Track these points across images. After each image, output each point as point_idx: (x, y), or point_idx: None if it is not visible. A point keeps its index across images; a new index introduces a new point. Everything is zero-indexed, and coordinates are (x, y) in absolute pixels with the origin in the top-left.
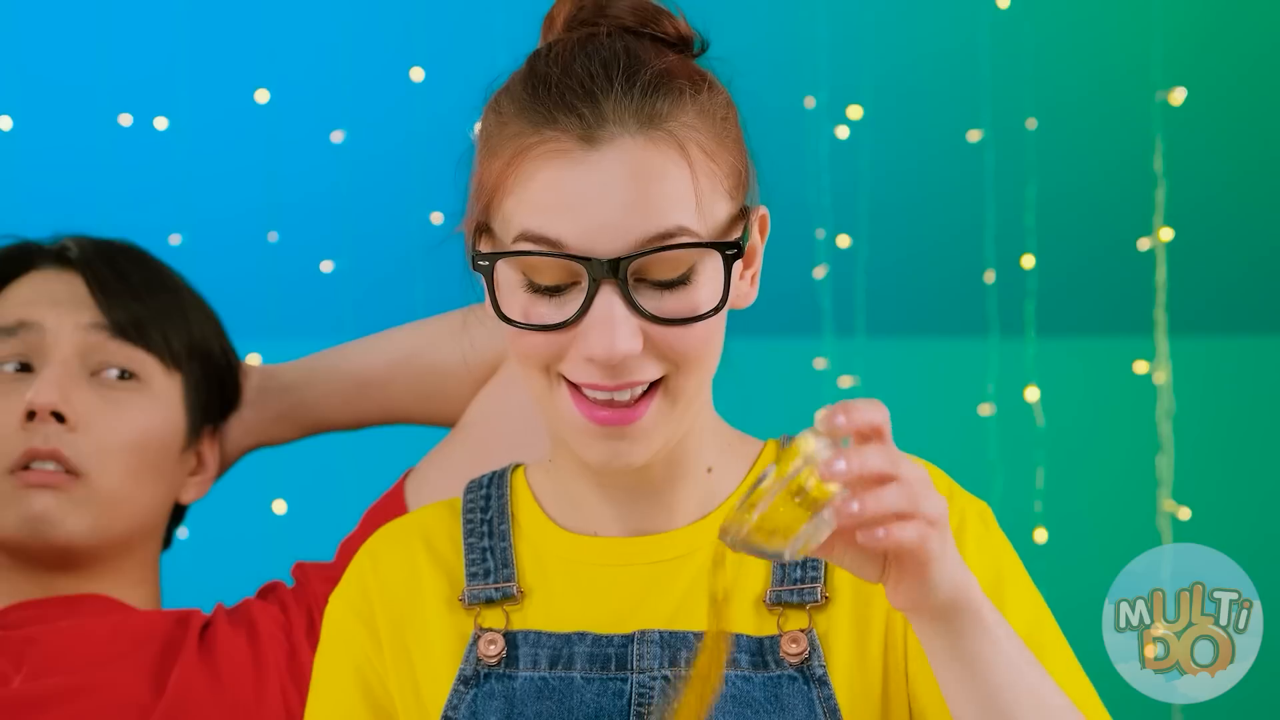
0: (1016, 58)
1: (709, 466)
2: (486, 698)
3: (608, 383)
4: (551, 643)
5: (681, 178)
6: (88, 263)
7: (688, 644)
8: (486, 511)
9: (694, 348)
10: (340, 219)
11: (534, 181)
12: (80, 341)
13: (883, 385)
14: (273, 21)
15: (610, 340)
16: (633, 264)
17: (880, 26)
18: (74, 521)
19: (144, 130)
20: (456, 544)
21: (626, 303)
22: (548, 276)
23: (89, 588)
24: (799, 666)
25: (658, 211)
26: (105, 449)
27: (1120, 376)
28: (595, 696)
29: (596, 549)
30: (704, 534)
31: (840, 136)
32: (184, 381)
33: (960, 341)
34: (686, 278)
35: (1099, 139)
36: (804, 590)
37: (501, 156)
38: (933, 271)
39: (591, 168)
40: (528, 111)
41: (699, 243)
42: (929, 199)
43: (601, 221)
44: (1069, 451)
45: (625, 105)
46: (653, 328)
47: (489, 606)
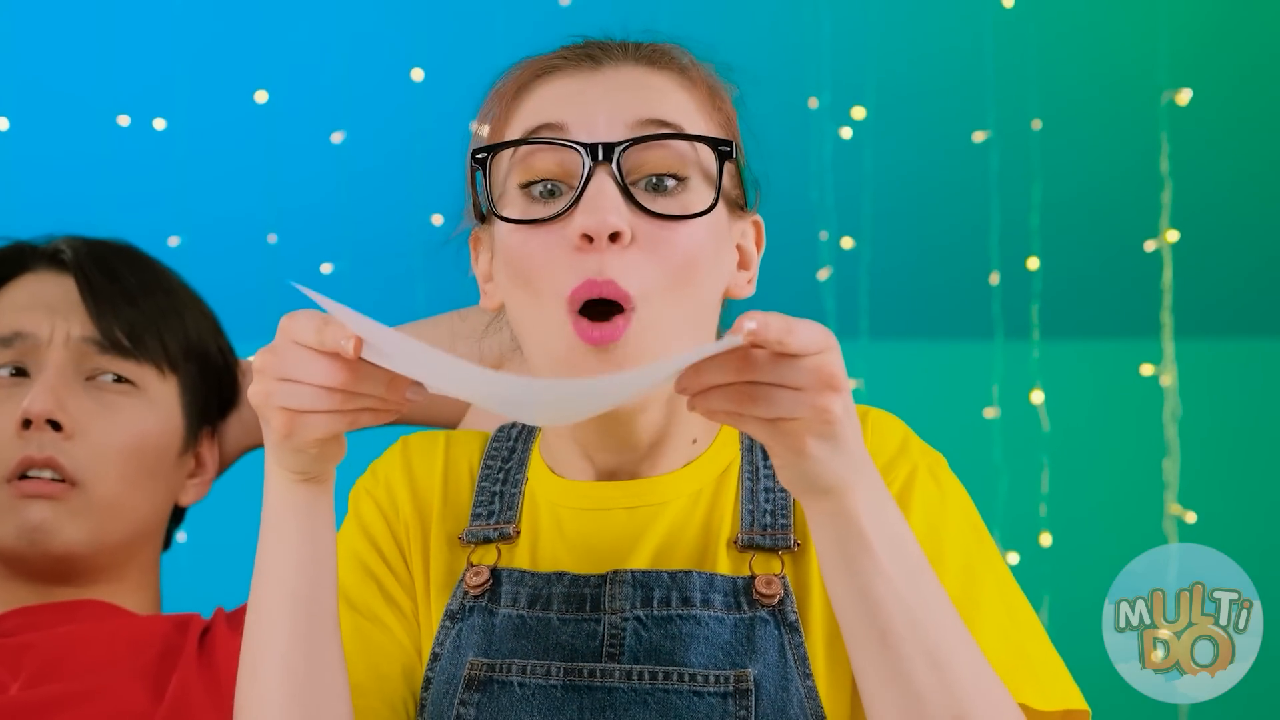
0: (1021, 58)
1: (694, 438)
2: (469, 632)
3: (596, 276)
4: (532, 582)
5: (680, 97)
6: (81, 266)
7: (660, 583)
8: (509, 461)
9: (682, 253)
10: (340, 221)
11: (535, 95)
12: (74, 353)
13: (887, 388)
14: (272, 22)
15: (602, 214)
16: (627, 157)
17: (884, 26)
18: (71, 531)
19: (142, 131)
20: (473, 479)
21: (619, 187)
22: (547, 168)
23: (88, 594)
24: (772, 609)
25: (654, 109)
26: (102, 455)
27: (1126, 379)
28: (570, 637)
29: (580, 493)
30: (682, 483)
31: (844, 137)
32: (180, 383)
33: (965, 344)
34: (680, 179)
35: (1105, 140)
36: (775, 535)
37: (505, 93)
38: (937, 274)
39: (594, 79)
40: (531, 59)
41: (692, 135)
42: (933, 200)
43: (599, 111)
44: (1074, 455)
45: (627, 49)
46: (642, 222)
47: (484, 544)
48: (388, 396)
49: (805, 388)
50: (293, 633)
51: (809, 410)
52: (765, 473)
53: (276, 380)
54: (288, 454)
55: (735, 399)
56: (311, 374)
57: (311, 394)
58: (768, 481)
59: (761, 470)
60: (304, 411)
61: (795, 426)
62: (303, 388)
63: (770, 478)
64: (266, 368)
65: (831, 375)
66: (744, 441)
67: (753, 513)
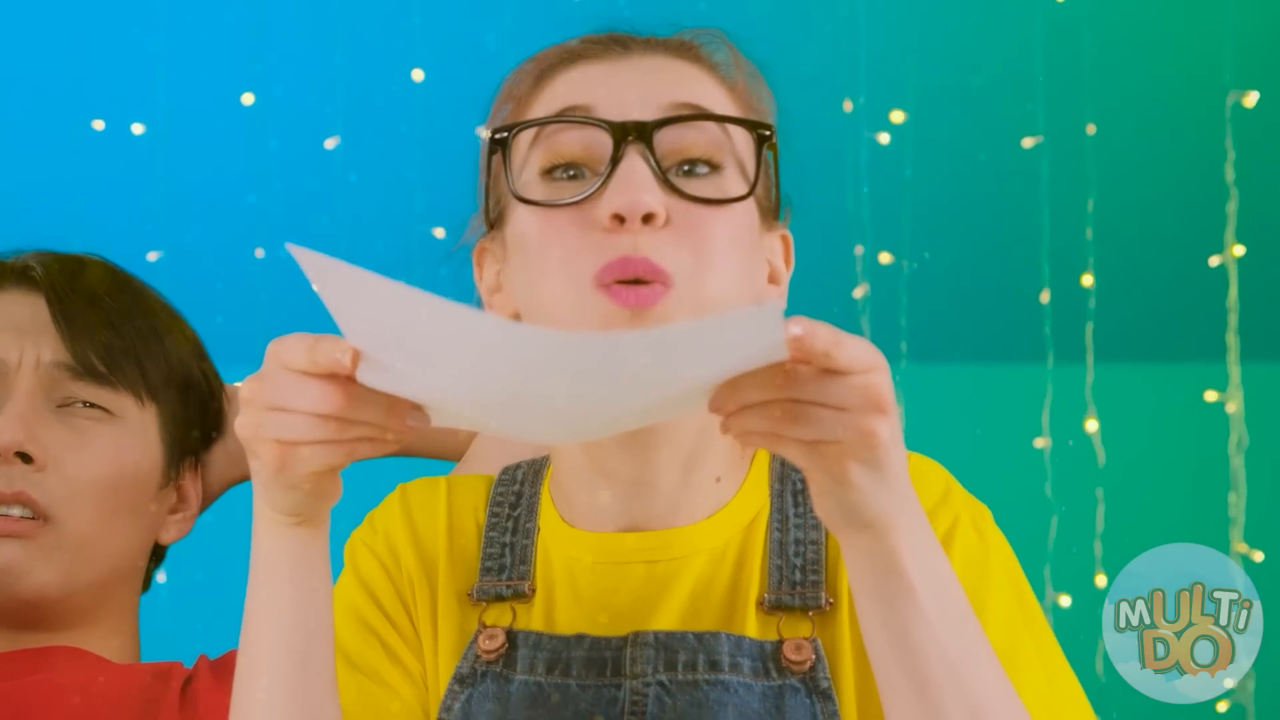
0: (1075, 56)
1: (718, 476)
2: (481, 699)
3: (630, 254)
4: (551, 645)
5: (714, 85)
6: (52, 284)
7: (686, 645)
8: (516, 507)
9: (717, 237)
10: (335, 234)
11: (560, 79)
12: (45, 379)
13: (928, 416)
14: (260, 17)
15: (635, 193)
16: (660, 139)
17: (926, 22)
18: (42, 572)
19: (119, 136)
20: (479, 528)
21: (652, 167)
22: (572, 151)
23: (60, 640)
24: (803, 677)
25: (688, 93)
26: (75, 489)
27: (1188, 406)
28: (589, 704)
29: (596, 546)
30: (705, 536)
31: (881, 143)
32: (161, 412)
33: (1013, 368)
34: (715, 166)
35: (1165, 146)
36: (805, 594)
37: (525, 79)
38: (982, 291)
39: (623, 64)
40: (554, 46)
41: (730, 117)
42: (978, 212)
43: (629, 92)
44: (1132, 489)
45: (655, 41)
46: (676, 204)
47: (497, 602)
48: (387, 424)
49: (850, 408)
50: (286, 693)
51: (853, 433)
52: (795, 522)
53: (265, 410)
54: (279, 493)
55: (773, 418)
56: (304, 400)
57: (305, 423)
58: (798, 533)
59: (792, 520)
60: (297, 443)
61: (837, 450)
62: (295, 416)
63: (801, 528)
64: (254, 397)
65: (880, 396)
66: (774, 487)
67: (781, 569)
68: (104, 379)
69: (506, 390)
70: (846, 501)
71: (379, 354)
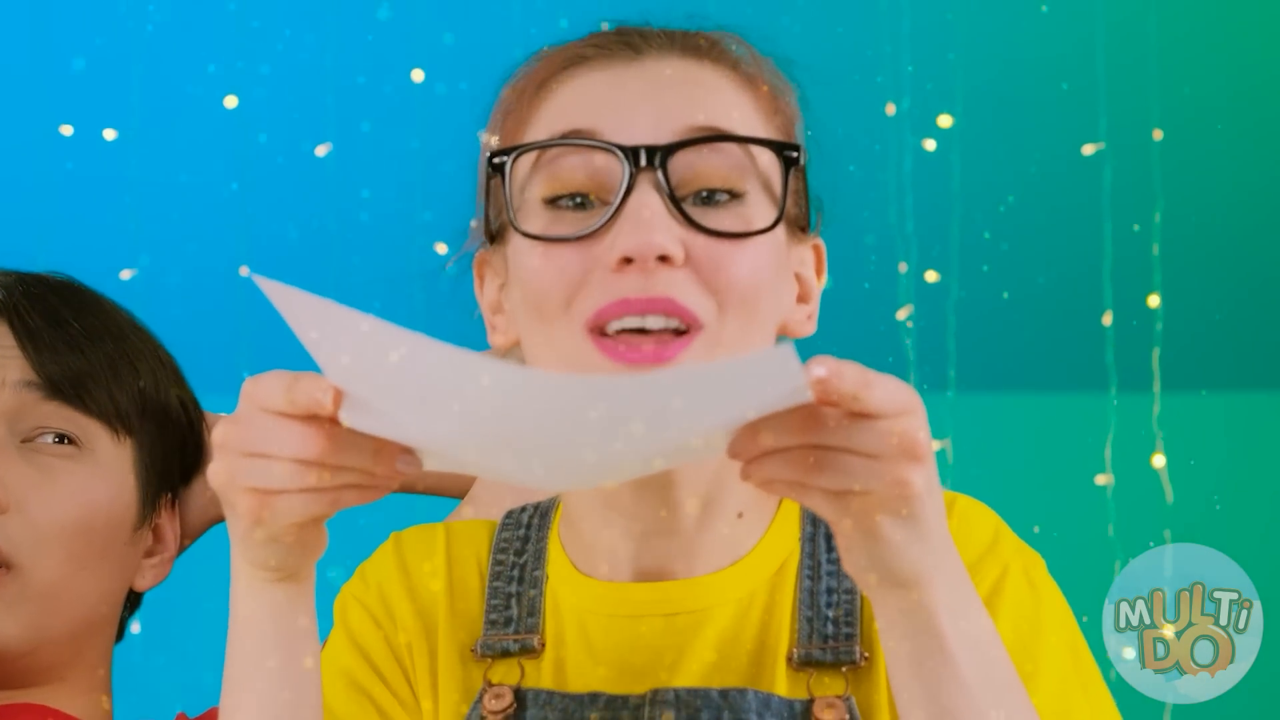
0: (1140, 55)
1: (740, 511)
2: None
3: (639, 295)
4: (563, 705)
5: (735, 96)
6: (15, 306)
7: (710, 703)
8: (522, 554)
9: (742, 277)
10: (325, 249)
11: (561, 91)
12: (9, 403)
13: (978, 449)
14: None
15: (646, 232)
16: (676, 164)
17: (975, 18)
18: (5, 624)
19: (89, 143)
20: (483, 578)
21: (666, 199)
22: (576, 179)
23: (24, 698)
24: None
25: (706, 112)
26: (42, 533)
27: (1264, 439)
28: None
29: (610, 596)
30: (729, 585)
31: (928, 150)
32: (135, 446)
33: (1072, 398)
34: (736, 193)
35: (1237, 154)
36: (838, 648)
37: (525, 89)
38: (1038, 314)
39: (632, 72)
40: (555, 48)
41: (755, 139)
42: (1034, 226)
43: (639, 110)
44: (1203, 529)
45: (672, 38)
46: (695, 239)
47: (504, 658)
48: (375, 469)
49: (881, 455)
50: None
51: (884, 483)
52: (828, 569)
53: (241, 455)
54: (258, 546)
55: (797, 466)
56: (283, 445)
57: (284, 470)
58: (830, 581)
59: (824, 566)
60: (276, 492)
61: (867, 502)
62: (273, 463)
63: (834, 575)
64: (228, 441)
65: (914, 443)
66: (805, 530)
67: (812, 621)
68: (74, 400)
69: (503, 435)
70: (877, 557)
71: (363, 393)
